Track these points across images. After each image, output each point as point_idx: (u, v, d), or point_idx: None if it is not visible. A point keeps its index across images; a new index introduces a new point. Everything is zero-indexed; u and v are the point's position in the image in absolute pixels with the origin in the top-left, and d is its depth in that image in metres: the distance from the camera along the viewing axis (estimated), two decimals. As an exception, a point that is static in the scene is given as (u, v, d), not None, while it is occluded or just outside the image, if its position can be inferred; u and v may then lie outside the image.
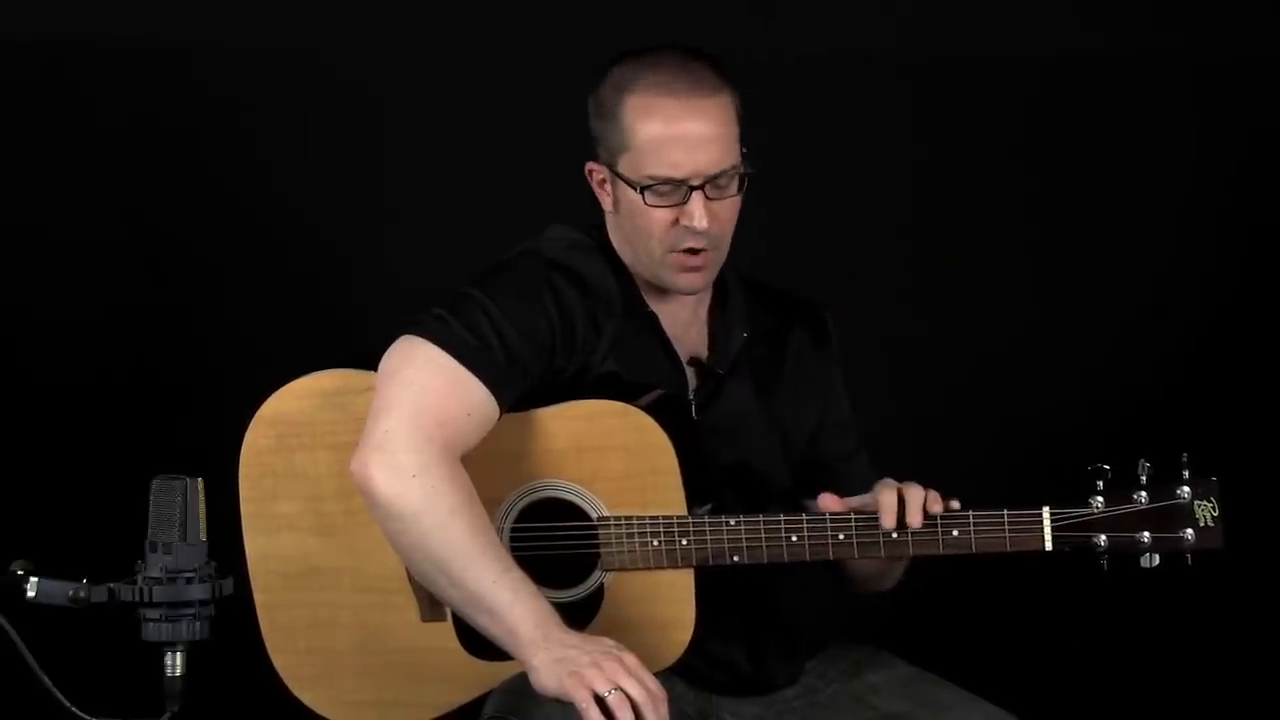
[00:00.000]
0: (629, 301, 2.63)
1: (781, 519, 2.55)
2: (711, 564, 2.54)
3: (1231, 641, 3.81)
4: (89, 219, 3.69)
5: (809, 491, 2.66)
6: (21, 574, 2.18)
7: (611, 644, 2.37)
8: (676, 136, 2.55)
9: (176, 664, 2.19)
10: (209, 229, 3.73)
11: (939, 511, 2.53)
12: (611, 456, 2.54)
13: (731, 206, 2.60)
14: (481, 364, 2.49)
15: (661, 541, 2.54)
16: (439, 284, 2.63)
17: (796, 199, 3.66)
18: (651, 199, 2.57)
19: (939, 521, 2.53)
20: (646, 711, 2.32)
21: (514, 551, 2.50)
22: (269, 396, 2.59)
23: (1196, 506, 2.54)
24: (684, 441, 2.55)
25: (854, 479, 2.71)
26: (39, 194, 3.67)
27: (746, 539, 2.54)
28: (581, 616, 2.53)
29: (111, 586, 2.19)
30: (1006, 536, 2.53)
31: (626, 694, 2.31)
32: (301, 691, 2.59)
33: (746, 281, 2.75)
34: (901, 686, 2.65)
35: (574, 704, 2.32)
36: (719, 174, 2.56)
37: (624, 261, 2.65)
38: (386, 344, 2.53)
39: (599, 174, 2.65)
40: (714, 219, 2.57)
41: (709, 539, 2.54)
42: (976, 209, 3.87)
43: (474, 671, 2.53)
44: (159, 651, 2.19)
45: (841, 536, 2.54)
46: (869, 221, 3.85)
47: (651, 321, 2.64)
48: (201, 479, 2.21)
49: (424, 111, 3.76)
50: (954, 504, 2.55)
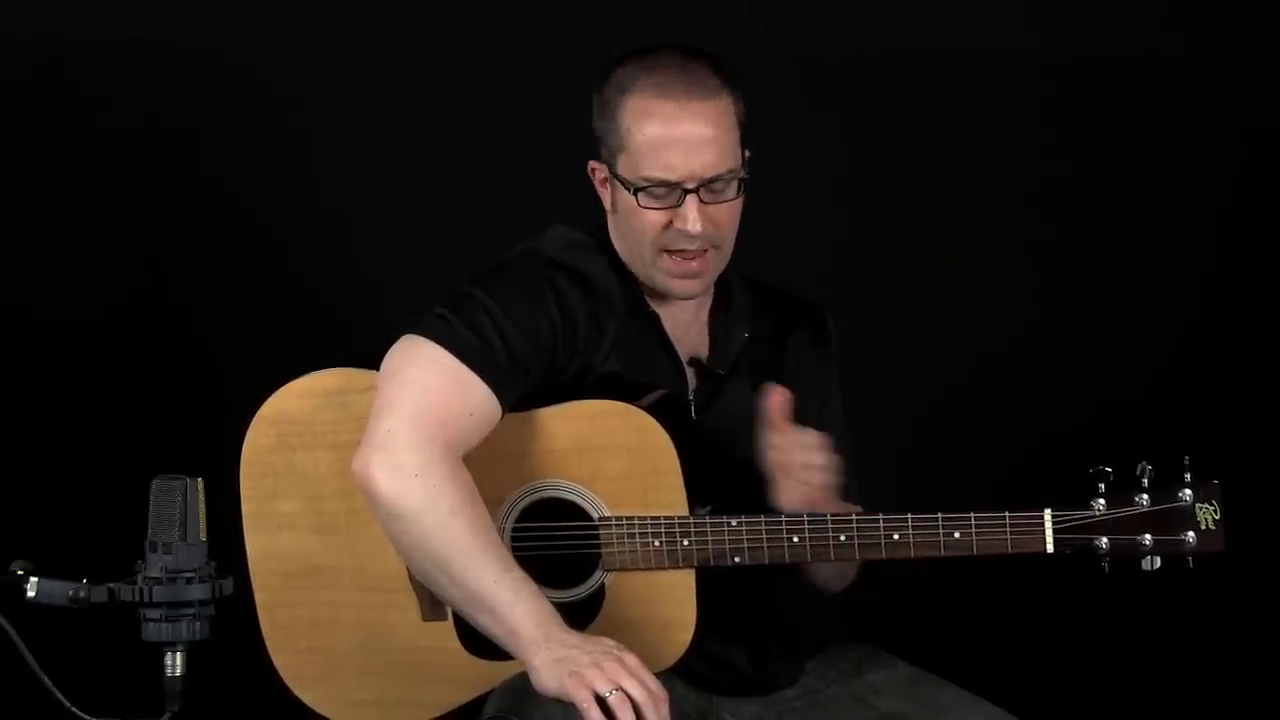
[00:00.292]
0: (631, 301, 2.63)
1: (782, 519, 2.55)
2: (712, 564, 2.54)
3: (1232, 644, 3.81)
4: (89, 219, 3.69)
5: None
6: (21, 574, 2.18)
7: (612, 644, 2.37)
8: (672, 139, 2.55)
9: (176, 664, 2.19)
10: (209, 229, 3.73)
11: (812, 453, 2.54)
12: (613, 457, 2.54)
13: (729, 210, 2.59)
14: (483, 364, 2.48)
15: (663, 542, 2.54)
16: (439, 284, 2.63)
17: (796, 199, 3.66)
18: (645, 201, 2.57)
19: (940, 523, 2.53)
20: (647, 712, 2.32)
21: (515, 551, 2.50)
22: (269, 396, 2.59)
23: (1198, 509, 2.53)
24: (685, 442, 2.54)
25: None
26: (39, 194, 3.67)
27: (747, 539, 2.54)
28: (582, 616, 2.53)
29: (111, 586, 2.19)
30: (1008, 538, 2.53)
31: (627, 694, 2.31)
32: (302, 691, 2.59)
33: (749, 283, 2.75)
34: (902, 687, 2.65)
35: (575, 704, 2.32)
36: (715, 178, 2.56)
37: (625, 261, 2.65)
38: (387, 344, 2.53)
39: (600, 173, 2.65)
40: (710, 222, 2.57)
41: (710, 539, 2.54)
42: (976, 209, 3.87)
43: (475, 671, 2.53)
44: (159, 651, 2.19)
45: (843, 538, 2.54)
46: (869, 221, 3.85)
47: (653, 322, 2.64)
48: (201, 479, 2.21)
49: (424, 111, 3.76)
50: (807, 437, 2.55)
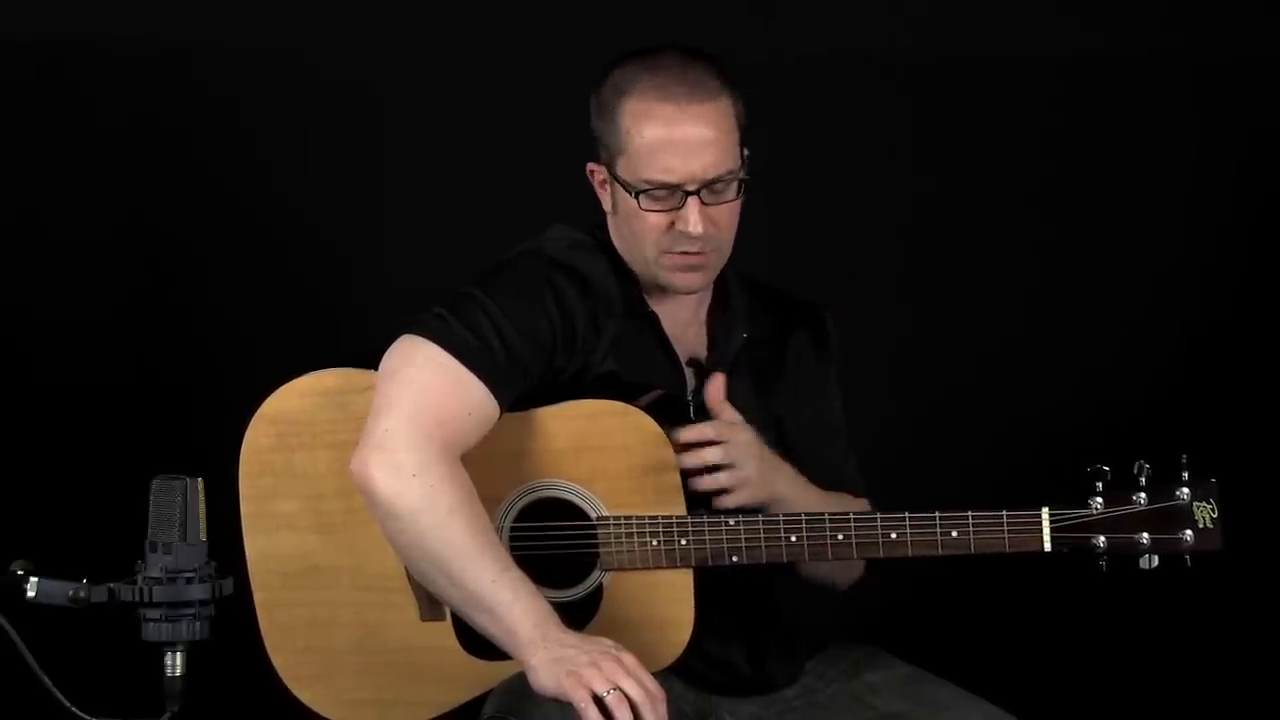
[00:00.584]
0: (630, 302, 2.63)
1: (780, 519, 2.55)
2: (710, 564, 2.54)
3: (1231, 642, 3.81)
4: (89, 219, 3.68)
5: None
6: (21, 574, 2.18)
7: (610, 644, 2.37)
8: (672, 141, 2.55)
9: (176, 664, 2.19)
10: (209, 229, 3.72)
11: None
12: (611, 456, 2.54)
13: (730, 211, 2.60)
14: (482, 363, 2.49)
15: (661, 541, 2.54)
16: (438, 284, 2.63)
17: (796, 199, 3.66)
18: (646, 203, 2.57)
19: (938, 522, 2.54)
20: (645, 711, 2.32)
21: (513, 551, 2.50)
22: (269, 396, 2.59)
23: (1196, 508, 2.54)
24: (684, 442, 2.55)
25: (826, 475, 2.71)
26: (39, 194, 3.66)
27: (745, 539, 2.54)
28: (580, 616, 2.53)
29: (111, 586, 2.19)
30: (1006, 537, 2.53)
31: (625, 694, 2.31)
32: (301, 690, 2.59)
33: (748, 283, 2.75)
34: (900, 686, 2.65)
35: (572, 704, 2.32)
36: (715, 179, 2.56)
37: (625, 261, 2.65)
38: (386, 343, 2.53)
39: (599, 174, 2.65)
40: (711, 223, 2.57)
41: (708, 539, 2.54)
42: (976, 209, 3.86)
43: (473, 671, 2.53)
44: (159, 651, 2.19)
45: (840, 536, 2.54)
46: (869, 221, 3.85)
47: (652, 322, 2.64)
48: (201, 479, 2.21)
49: (424, 112, 3.75)
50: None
